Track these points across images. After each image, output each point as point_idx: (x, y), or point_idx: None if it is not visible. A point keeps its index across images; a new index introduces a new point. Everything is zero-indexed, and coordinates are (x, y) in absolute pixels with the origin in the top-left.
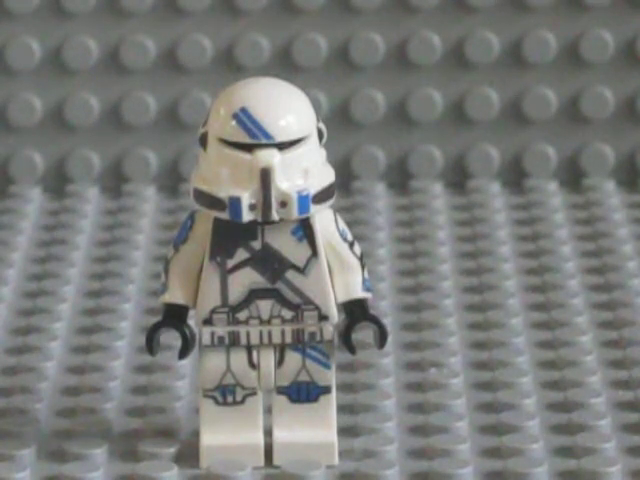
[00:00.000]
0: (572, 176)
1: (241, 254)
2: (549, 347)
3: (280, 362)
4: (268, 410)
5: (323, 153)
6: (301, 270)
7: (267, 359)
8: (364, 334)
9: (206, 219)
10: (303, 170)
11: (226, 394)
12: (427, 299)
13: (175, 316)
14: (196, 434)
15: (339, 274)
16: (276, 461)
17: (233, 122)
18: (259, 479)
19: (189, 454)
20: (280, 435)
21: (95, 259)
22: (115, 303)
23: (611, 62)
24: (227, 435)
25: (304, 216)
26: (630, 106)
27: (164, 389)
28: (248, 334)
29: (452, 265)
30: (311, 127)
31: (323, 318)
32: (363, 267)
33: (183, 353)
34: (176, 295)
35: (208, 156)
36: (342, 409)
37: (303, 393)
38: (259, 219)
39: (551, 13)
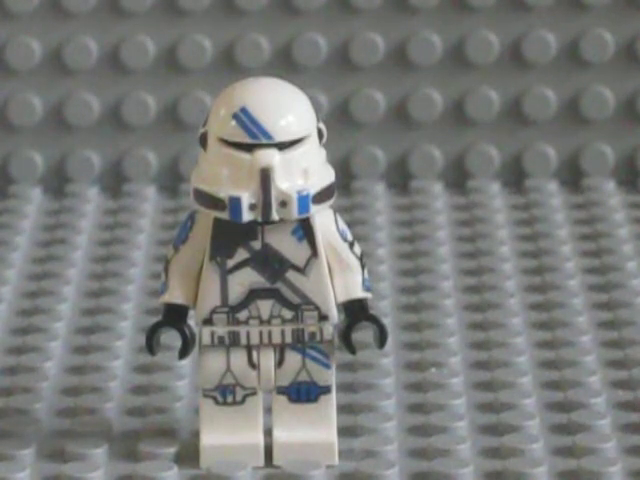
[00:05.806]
0: (572, 176)
1: (241, 254)
2: (549, 347)
3: (280, 362)
4: (268, 410)
5: (323, 153)
6: (301, 270)
7: (267, 359)
8: (364, 334)
9: (206, 219)
10: (303, 170)
11: (226, 394)
12: (427, 299)
13: (175, 316)
14: (196, 434)
15: (339, 274)
16: (276, 461)
17: (233, 122)
18: (259, 479)
19: (189, 454)
20: (280, 435)
21: (95, 259)
22: (115, 303)
23: (611, 62)
24: (227, 435)
25: (304, 216)
26: (630, 106)
27: (164, 389)
28: (248, 334)
29: (452, 265)
30: (311, 127)
31: (323, 318)
32: (363, 267)
33: (183, 353)
34: (176, 295)
35: (208, 156)
36: (342, 409)
37: (303, 393)
38: (259, 219)
39: (551, 13)
